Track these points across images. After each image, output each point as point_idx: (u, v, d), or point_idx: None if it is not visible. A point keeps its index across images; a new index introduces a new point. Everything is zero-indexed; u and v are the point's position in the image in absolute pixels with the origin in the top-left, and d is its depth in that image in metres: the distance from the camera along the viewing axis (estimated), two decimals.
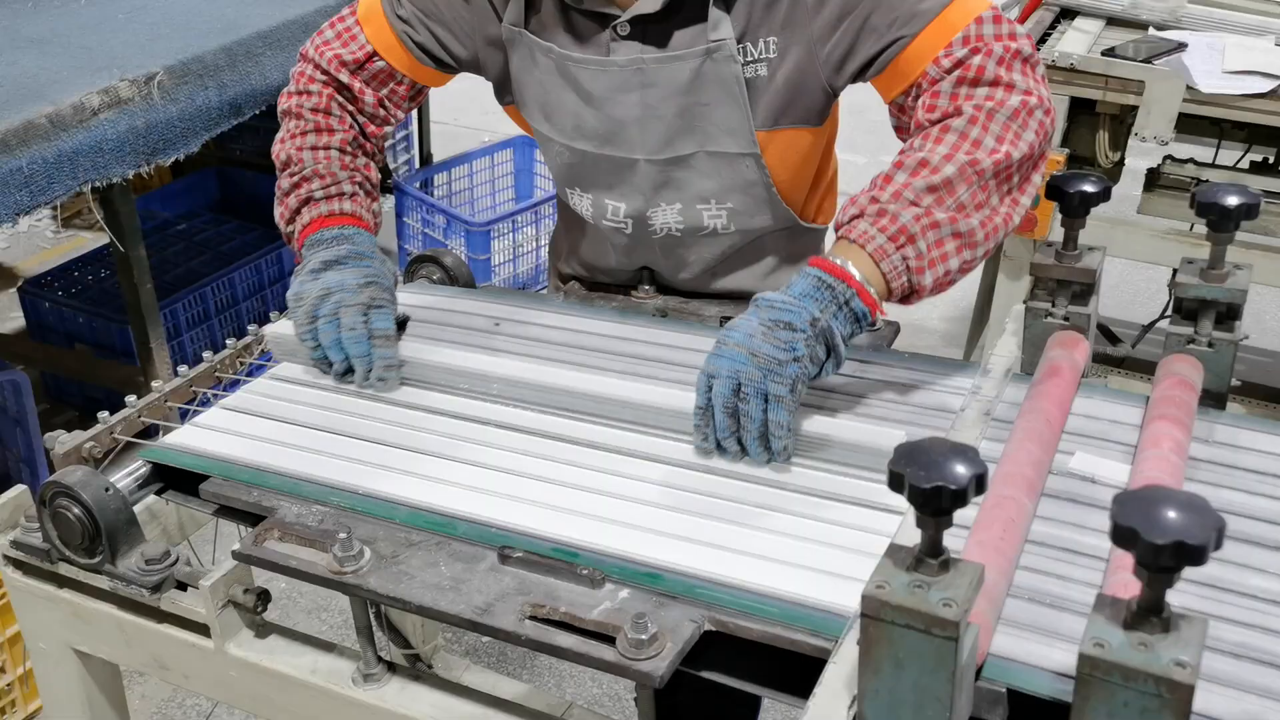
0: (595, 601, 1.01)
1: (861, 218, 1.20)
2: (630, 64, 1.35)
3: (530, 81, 1.44)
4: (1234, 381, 1.22)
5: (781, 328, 1.12)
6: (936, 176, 1.18)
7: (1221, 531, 0.70)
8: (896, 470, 0.79)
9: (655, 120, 1.38)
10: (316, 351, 1.35)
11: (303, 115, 1.49)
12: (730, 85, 1.34)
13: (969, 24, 1.24)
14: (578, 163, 1.46)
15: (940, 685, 0.79)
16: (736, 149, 1.39)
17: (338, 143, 1.48)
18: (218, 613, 1.15)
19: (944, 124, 1.22)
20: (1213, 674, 0.88)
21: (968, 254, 1.21)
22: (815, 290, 1.15)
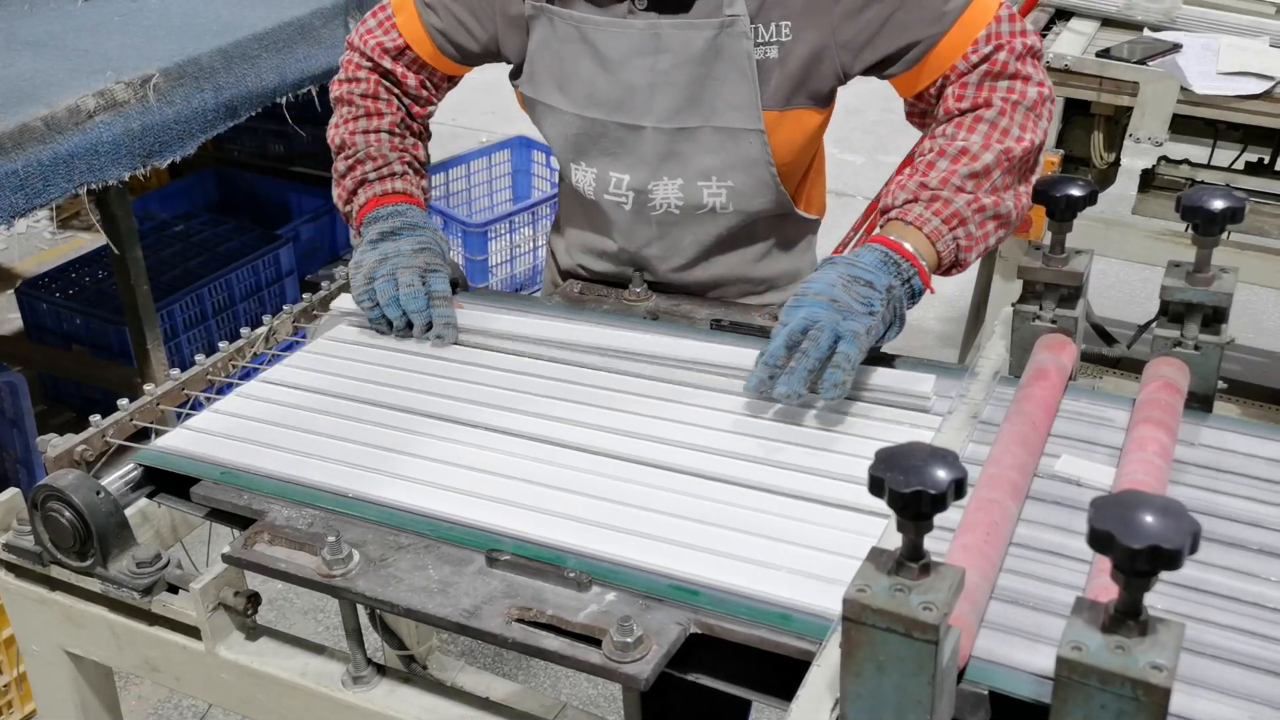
0: (582, 604, 1.01)
1: (916, 202, 1.32)
2: (648, 28, 1.40)
3: (547, 54, 1.49)
4: (1221, 384, 1.22)
5: (862, 284, 1.22)
6: (978, 164, 1.32)
7: (1197, 536, 0.71)
8: (877, 475, 0.79)
9: (666, 87, 1.42)
10: (374, 311, 1.46)
11: (353, 101, 1.58)
12: (741, 61, 1.39)
13: (990, 22, 1.35)
14: (586, 131, 1.50)
15: (921, 688, 0.80)
16: (742, 125, 1.43)
17: (387, 125, 1.57)
18: (208, 615, 1.15)
19: (976, 114, 1.36)
20: (1196, 677, 0.88)
21: (1003, 232, 1.36)
22: (884, 263, 1.25)
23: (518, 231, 3.71)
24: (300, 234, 3.66)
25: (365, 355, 1.46)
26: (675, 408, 1.30)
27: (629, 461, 1.21)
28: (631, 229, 1.56)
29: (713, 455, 1.20)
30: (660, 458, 1.21)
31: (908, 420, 1.24)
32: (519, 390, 1.35)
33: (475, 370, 1.41)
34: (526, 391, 1.35)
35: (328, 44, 2.77)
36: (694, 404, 1.30)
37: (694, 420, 1.27)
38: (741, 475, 1.17)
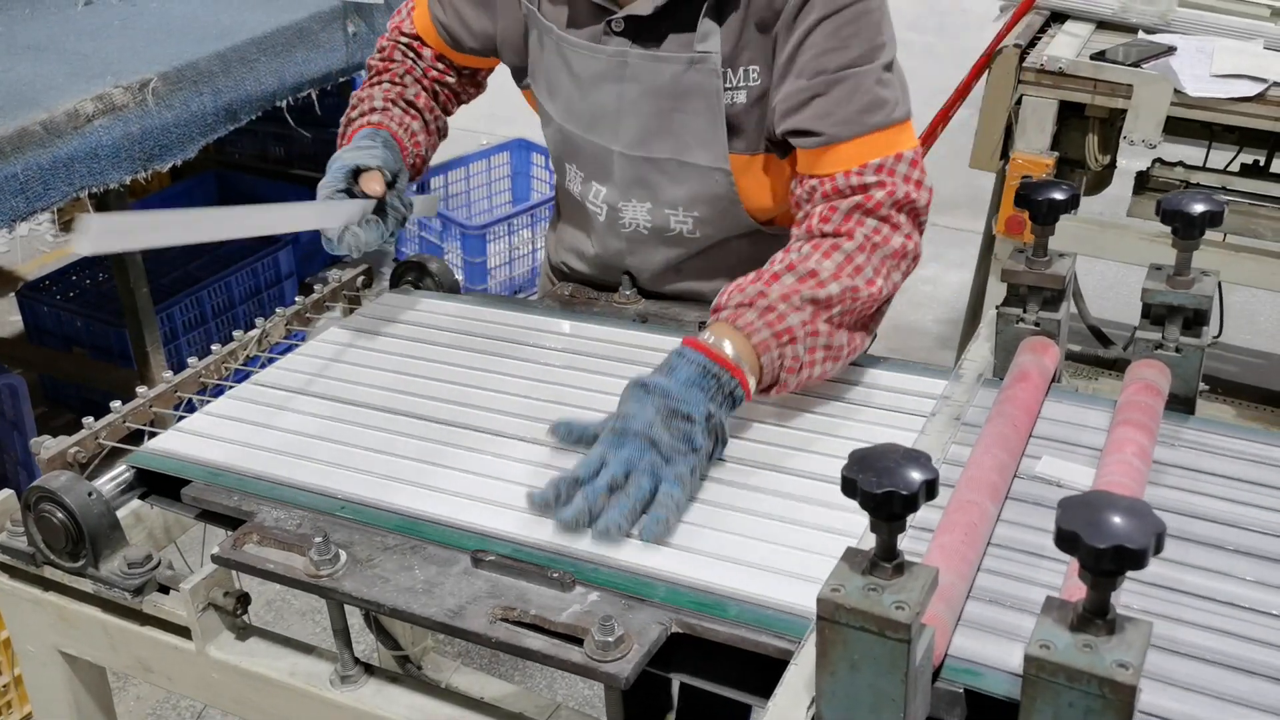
0: (565, 604, 1.02)
1: (750, 308, 1.22)
2: (616, 55, 1.40)
3: (540, 58, 1.51)
4: (1202, 386, 1.23)
5: (681, 419, 1.12)
6: (822, 292, 1.23)
7: (1161, 536, 0.72)
8: (849, 476, 0.80)
9: (632, 116, 1.42)
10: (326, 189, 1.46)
11: (372, 65, 1.64)
12: (710, 98, 1.37)
13: (889, 156, 1.29)
14: (568, 140, 1.53)
15: (894, 686, 0.81)
16: (709, 163, 1.41)
17: (388, 77, 1.61)
18: (198, 615, 1.16)
19: (835, 242, 1.27)
20: (1171, 676, 0.89)
21: (829, 366, 1.27)
22: (702, 379, 1.16)
23: (517, 234, 3.72)
24: (300, 237, 3.67)
25: (356, 358, 1.47)
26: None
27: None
28: (606, 238, 1.57)
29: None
30: None
31: (891, 422, 1.25)
32: (505, 392, 1.36)
33: (461, 372, 1.42)
34: (512, 394, 1.36)
35: (326, 47, 2.79)
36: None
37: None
38: (724, 476, 1.18)
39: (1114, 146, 2.77)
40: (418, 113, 1.60)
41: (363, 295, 1.66)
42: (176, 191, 3.90)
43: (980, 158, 2.75)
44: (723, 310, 1.24)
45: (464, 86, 1.67)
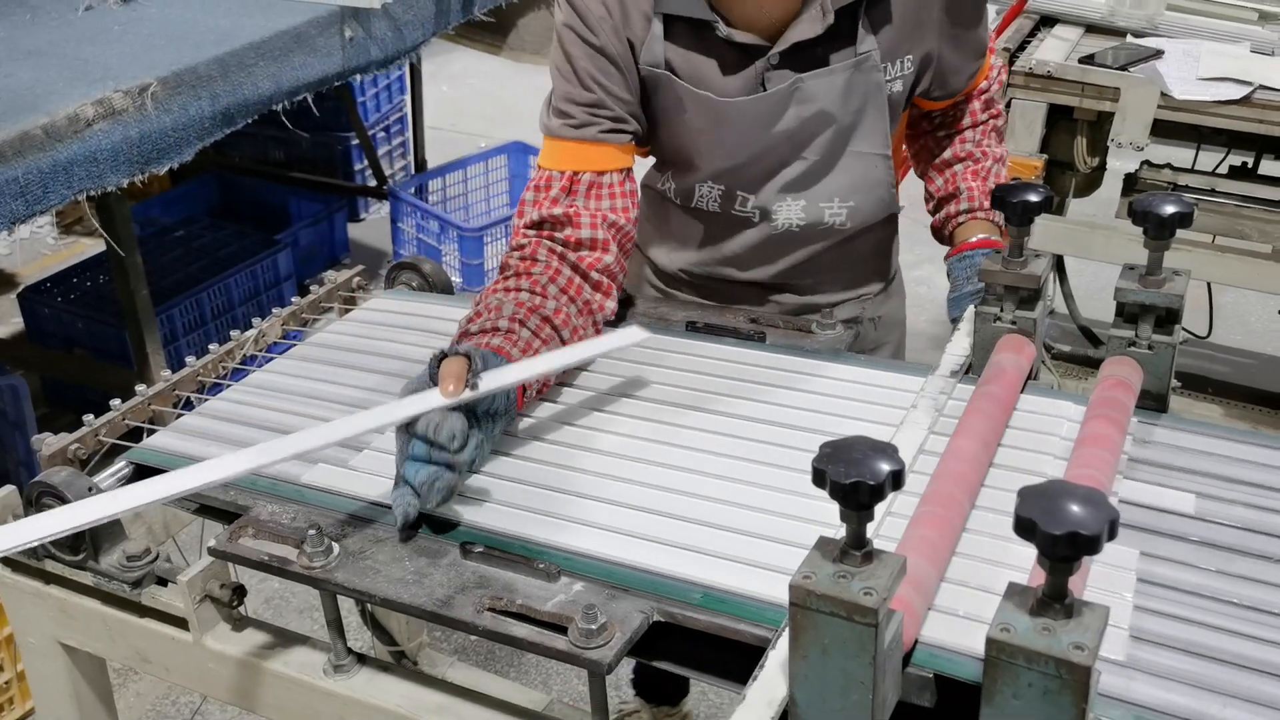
0: (550, 594, 1.05)
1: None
2: (786, 89, 1.40)
3: (676, 120, 1.44)
4: (1175, 384, 1.26)
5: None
6: (1003, 167, 1.64)
7: (1115, 523, 0.75)
8: (819, 467, 0.83)
9: (801, 134, 1.44)
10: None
11: (509, 265, 1.38)
12: (874, 92, 1.44)
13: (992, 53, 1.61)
14: (718, 176, 1.50)
15: (863, 669, 0.84)
16: (871, 149, 1.48)
17: (527, 283, 1.34)
18: (195, 607, 1.19)
19: (996, 126, 1.65)
20: (1138, 663, 0.92)
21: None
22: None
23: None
24: (299, 239, 3.72)
25: (349, 358, 1.50)
26: (642, 405, 1.34)
27: (597, 454, 1.25)
28: (748, 240, 1.55)
29: (678, 449, 1.25)
30: (628, 451, 1.25)
31: (871, 416, 1.28)
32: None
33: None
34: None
35: (323, 52, 2.82)
36: (661, 401, 1.34)
37: (660, 418, 1.31)
38: (706, 468, 1.21)
39: (1103, 149, 2.80)
40: (554, 332, 1.31)
41: (358, 296, 1.70)
42: (177, 195, 3.94)
43: None
44: (979, 211, 1.59)
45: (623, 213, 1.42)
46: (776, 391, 1.34)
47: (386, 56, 3.08)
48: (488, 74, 2.48)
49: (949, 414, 1.25)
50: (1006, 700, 0.79)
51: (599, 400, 1.36)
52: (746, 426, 1.29)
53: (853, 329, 1.51)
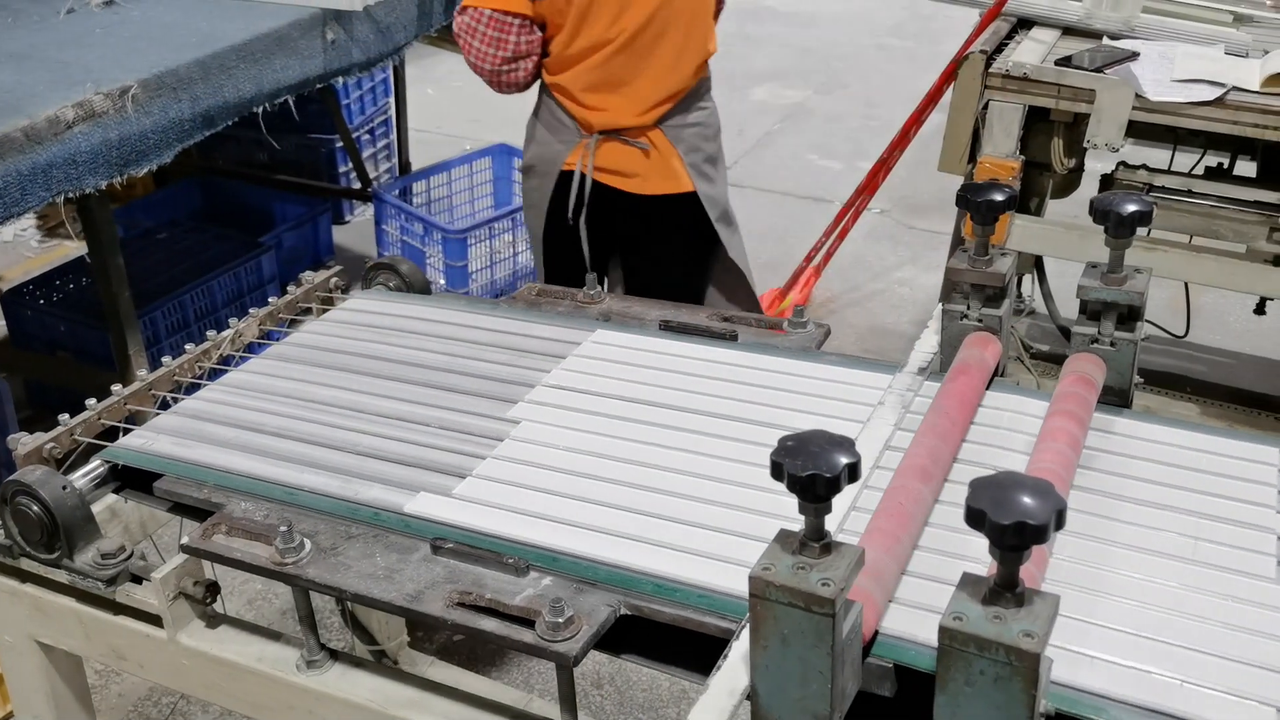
0: (519, 589, 1.07)
1: None
2: None
3: None
4: (1138, 379, 1.28)
5: None
6: None
7: (1062, 513, 0.77)
8: (777, 460, 0.85)
9: None
10: None
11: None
12: None
13: None
14: None
15: (821, 659, 0.86)
16: None
17: None
18: (169, 604, 1.20)
19: None
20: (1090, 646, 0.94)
21: None
22: None
23: (498, 238, 3.76)
24: (283, 241, 3.72)
25: (325, 358, 1.51)
26: (612, 403, 1.35)
27: (564, 450, 1.26)
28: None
29: (647, 446, 1.26)
30: (596, 448, 1.26)
31: (839, 413, 1.30)
32: (468, 392, 1.41)
33: (426, 372, 1.46)
34: (474, 393, 1.40)
35: (305, 54, 2.82)
36: (630, 399, 1.36)
37: (629, 415, 1.32)
38: (675, 466, 1.22)
39: (1080, 150, 2.82)
40: None
41: (335, 296, 1.71)
42: (161, 198, 3.94)
43: (948, 161, 2.80)
44: None
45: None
46: (746, 389, 1.36)
47: (369, 59, 3.08)
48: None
49: (916, 410, 1.27)
50: (960, 688, 0.81)
51: (567, 398, 1.37)
52: (716, 424, 1.30)
53: (824, 327, 1.53)
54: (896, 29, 7.00)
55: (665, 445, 1.27)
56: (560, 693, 1.07)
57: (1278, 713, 0.88)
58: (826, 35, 6.86)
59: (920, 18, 7.13)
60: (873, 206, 4.37)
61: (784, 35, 6.89)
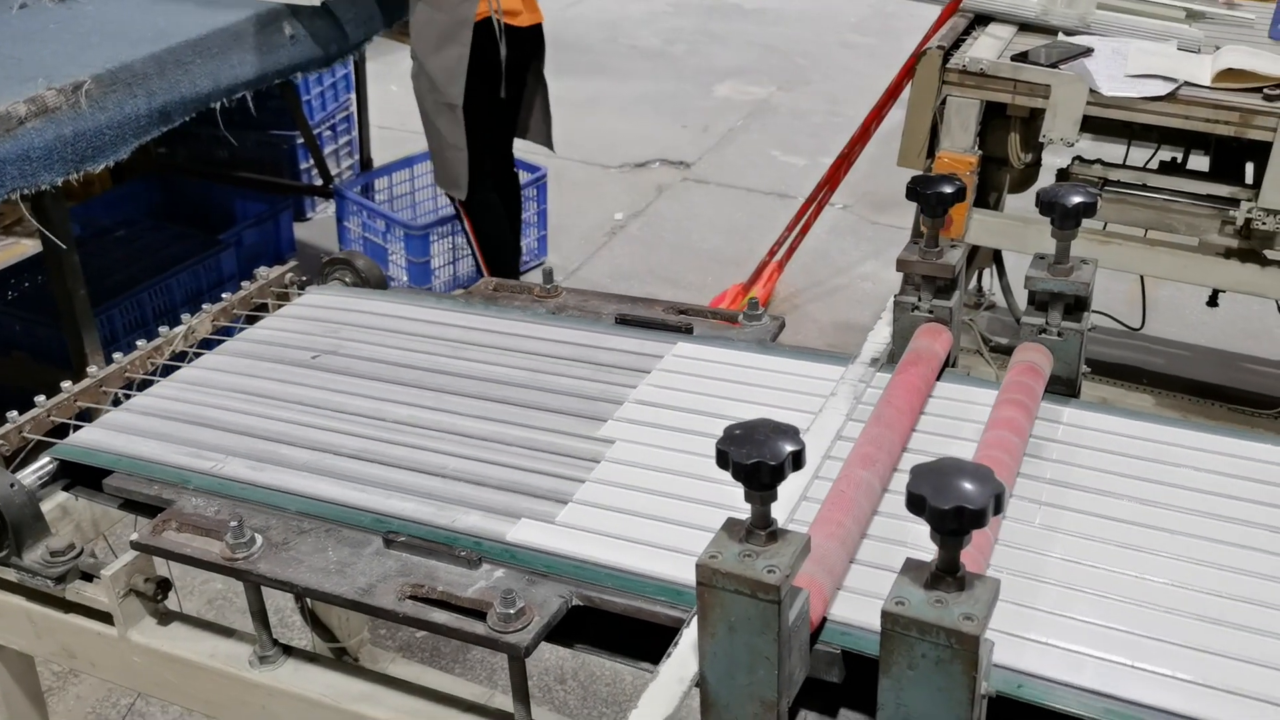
0: (471, 581, 1.07)
1: None
2: None
3: None
4: (1085, 369, 1.30)
5: None
6: None
7: (1000, 497, 0.78)
8: (722, 449, 0.86)
9: None
10: None
11: None
12: None
13: None
14: None
15: (768, 645, 0.86)
16: None
17: None
18: (120, 601, 1.20)
19: None
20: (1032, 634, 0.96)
21: None
22: None
23: (460, 233, 3.75)
24: (243, 239, 3.69)
25: (278, 354, 1.51)
26: (564, 399, 1.36)
27: (519, 448, 1.26)
28: None
29: (599, 442, 1.26)
30: (546, 443, 1.26)
31: (792, 404, 1.31)
32: (423, 386, 1.40)
33: (380, 367, 1.46)
34: (429, 387, 1.40)
35: (263, 50, 2.81)
36: (580, 395, 1.36)
37: (580, 411, 1.33)
38: (624, 458, 1.23)
39: (1037, 145, 2.85)
40: None
41: (292, 292, 1.70)
42: (118, 195, 3.89)
43: (907, 156, 2.83)
44: None
45: None
46: (700, 382, 1.36)
47: (328, 55, 3.07)
48: None
49: (868, 401, 1.28)
50: (902, 671, 0.82)
51: (518, 395, 1.37)
52: (669, 416, 1.31)
53: (779, 320, 1.54)
54: (859, 26, 7.04)
55: (616, 439, 1.27)
56: (513, 683, 1.07)
57: (1218, 692, 0.90)
58: (791, 32, 6.89)
59: (883, 15, 7.18)
60: (835, 202, 4.40)
61: (748, 32, 6.91)
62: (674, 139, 5.34)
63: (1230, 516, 1.09)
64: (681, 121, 5.54)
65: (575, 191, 4.73)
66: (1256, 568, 1.03)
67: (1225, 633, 0.95)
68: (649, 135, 5.36)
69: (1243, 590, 1.00)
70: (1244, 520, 1.09)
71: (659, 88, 5.99)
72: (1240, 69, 2.45)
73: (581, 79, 5.86)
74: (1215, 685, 0.90)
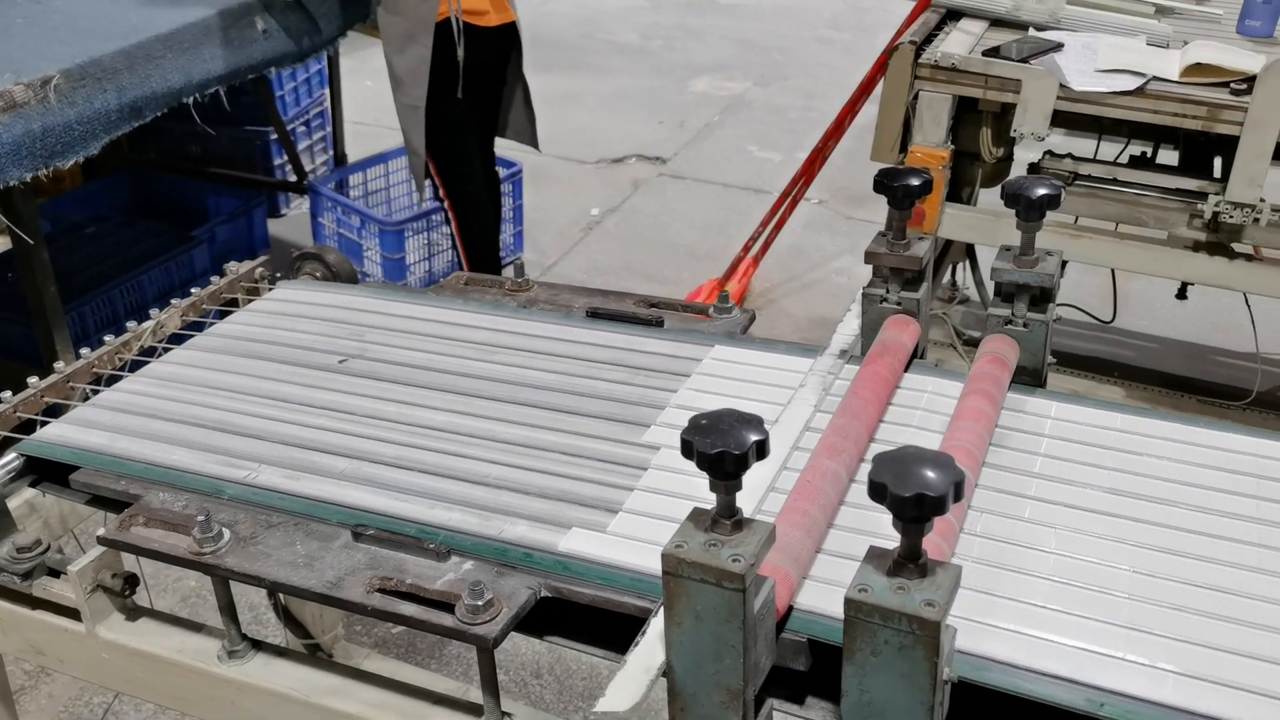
0: (440, 573, 1.07)
1: None
2: None
3: None
4: (1050, 359, 1.31)
5: None
6: None
7: (961, 484, 0.79)
8: (687, 439, 0.86)
9: None
10: None
11: None
12: None
13: None
14: None
15: (734, 634, 0.87)
16: None
17: None
18: (87, 597, 1.19)
19: None
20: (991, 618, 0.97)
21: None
22: None
23: (436, 229, 3.74)
24: (216, 235, 3.67)
25: (247, 349, 1.50)
26: (530, 392, 1.36)
27: (484, 440, 1.26)
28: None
29: (566, 435, 1.27)
30: (513, 436, 1.27)
31: (761, 396, 1.31)
32: (390, 380, 1.40)
33: (351, 361, 1.45)
34: (396, 381, 1.40)
35: (235, 45, 2.79)
36: (549, 389, 1.36)
37: (549, 404, 1.33)
38: (589, 446, 1.23)
39: (1008, 140, 2.87)
40: None
41: (261, 287, 1.69)
42: (89, 192, 3.86)
43: (880, 151, 2.84)
44: None
45: None
46: (668, 378, 1.37)
47: (301, 50, 3.05)
48: None
49: (836, 393, 1.29)
50: (866, 658, 0.83)
51: (487, 388, 1.37)
52: (637, 411, 1.31)
53: (749, 313, 1.54)
54: (835, 21, 7.06)
55: (582, 433, 1.27)
56: (481, 675, 1.08)
57: (1180, 677, 0.91)
58: (767, 27, 6.91)
59: (858, 10, 7.21)
60: (811, 197, 4.41)
61: (725, 27, 6.92)
62: (650, 134, 5.34)
63: (1197, 505, 1.11)
64: (658, 117, 5.54)
65: (551, 187, 4.73)
66: (1223, 556, 1.04)
67: (1189, 619, 0.97)
68: (625, 131, 5.36)
69: (1208, 578, 1.01)
70: (1209, 508, 1.10)
71: (636, 83, 5.99)
72: (1208, 64, 2.48)
73: (558, 75, 5.85)
74: (1181, 671, 0.91)
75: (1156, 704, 0.89)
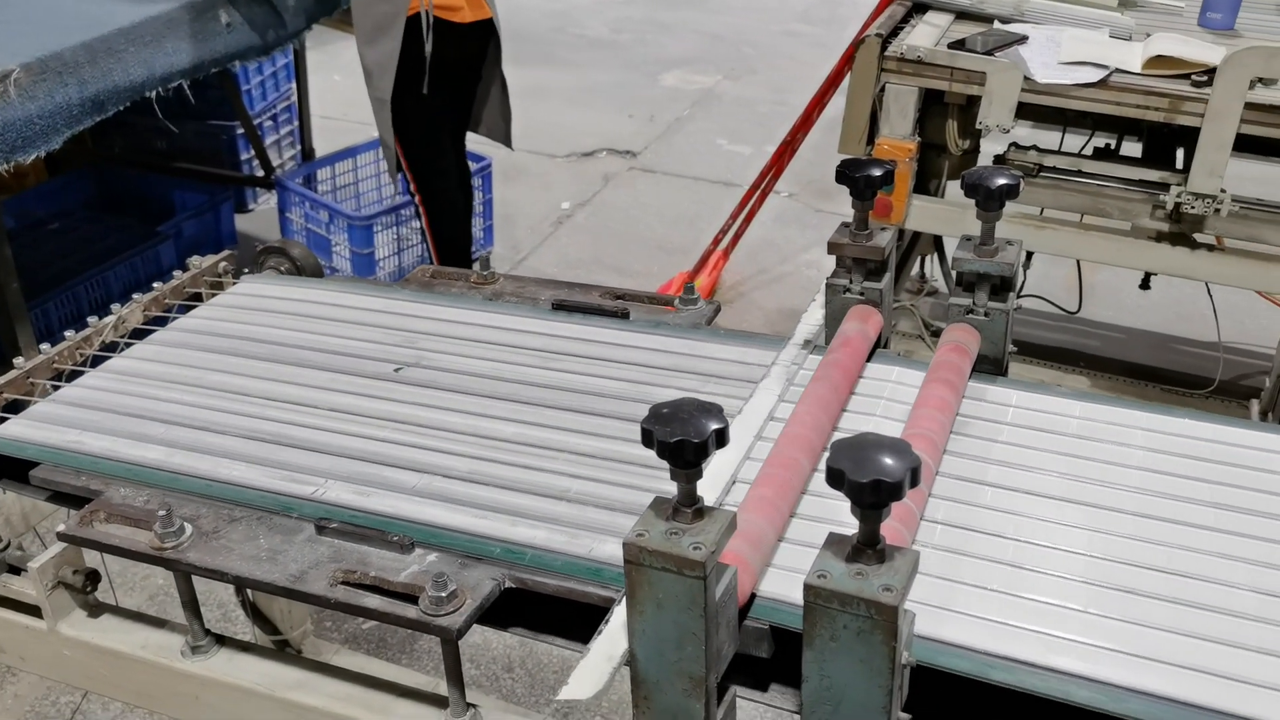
0: (404, 566, 1.07)
1: None
2: None
3: None
4: (1011, 348, 1.32)
5: None
6: None
7: (917, 471, 0.79)
8: (647, 427, 0.86)
9: None
10: None
11: None
12: None
13: None
14: None
15: (695, 621, 0.87)
16: None
17: None
18: (48, 594, 1.18)
19: None
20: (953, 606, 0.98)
21: None
22: None
23: (405, 224, 3.73)
24: (183, 230, 3.64)
25: (210, 344, 1.49)
26: (495, 385, 1.36)
27: (451, 433, 1.26)
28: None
29: (533, 426, 1.27)
30: (480, 429, 1.27)
31: (726, 388, 1.32)
32: (355, 374, 1.40)
33: (314, 355, 1.45)
34: (361, 375, 1.40)
35: (199, 38, 2.77)
36: (514, 380, 1.36)
37: (514, 396, 1.33)
38: (552, 443, 1.23)
39: (975, 132, 2.89)
40: None
41: (225, 281, 1.68)
42: (53, 187, 3.82)
43: (847, 143, 2.85)
44: None
45: None
46: (634, 369, 1.37)
47: (266, 43, 3.03)
48: None
49: (800, 383, 1.29)
50: (825, 643, 0.83)
51: (450, 380, 1.37)
52: (601, 403, 1.31)
53: (715, 304, 1.55)
54: (805, 14, 7.08)
55: (548, 425, 1.28)
56: (446, 666, 1.07)
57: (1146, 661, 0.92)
58: (737, 21, 6.92)
59: (828, 3, 7.23)
60: (781, 190, 4.43)
61: (695, 21, 6.92)
62: (621, 128, 5.34)
63: (1156, 490, 1.12)
64: (628, 111, 5.54)
65: (522, 181, 4.72)
66: (1181, 540, 1.05)
67: (1148, 603, 0.98)
68: (596, 125, 5.36)
69: (1166, 562, 1.03)
70: (1167, 494, 1.12)
71: (606, 77, 5.99)
72: (1170, 56, 2.50)
73: (528, 69, 5.83)
74: (1139, 654, 0.93)
75: (1116, 686, 0.90)
